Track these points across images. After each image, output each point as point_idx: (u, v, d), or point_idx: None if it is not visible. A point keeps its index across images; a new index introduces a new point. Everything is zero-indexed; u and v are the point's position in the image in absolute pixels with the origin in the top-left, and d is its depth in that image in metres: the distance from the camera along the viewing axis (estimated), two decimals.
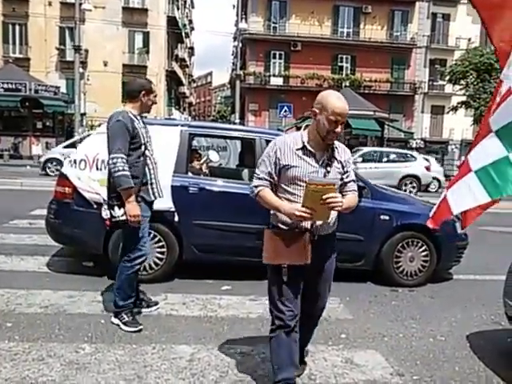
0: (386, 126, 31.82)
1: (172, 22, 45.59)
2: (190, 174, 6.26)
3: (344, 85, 36.99)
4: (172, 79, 50.04)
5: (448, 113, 36.60)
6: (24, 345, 4.07)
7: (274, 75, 41.06)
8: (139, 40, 42.32)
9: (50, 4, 39.25)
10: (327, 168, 3.21)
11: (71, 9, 28.50)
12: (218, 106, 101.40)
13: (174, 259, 6.01)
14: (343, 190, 3.34)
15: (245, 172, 7.28)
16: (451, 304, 5.86)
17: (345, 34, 41.41)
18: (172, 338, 4.39)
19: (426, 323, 5.15)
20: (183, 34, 55.10)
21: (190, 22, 73.68)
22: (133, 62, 41.85)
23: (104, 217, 4.68)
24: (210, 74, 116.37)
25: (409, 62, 42.58)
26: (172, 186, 5.85)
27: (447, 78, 34.29)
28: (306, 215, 3.01)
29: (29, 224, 9.20)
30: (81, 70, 28.72)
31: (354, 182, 3.43)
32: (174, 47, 51.98)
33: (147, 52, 42.20)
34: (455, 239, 6.52)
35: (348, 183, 3.37)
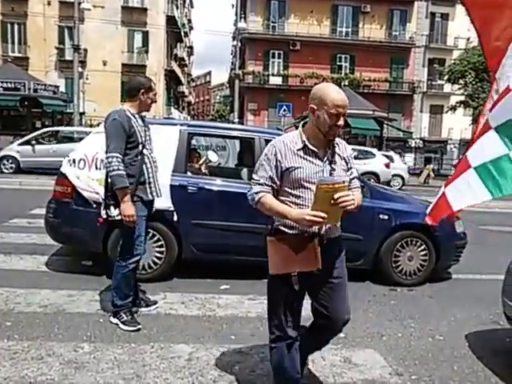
0: (385, 126, 31.88)
1: (171, 22, 45.57)
2: (189, 174, 6.26)
3: (343, 84, 36.97)
4: (171, 78, 50.03)
5: (447, 112, 36.71)
6: (23, 344, 4.07)
7: (273, 74, 41.08)
8: (138, 39, 42.34)
9: (49, 3, 39.25)
10: (332, 165, 3.00)
11: (70, 8, 28.37)
12: (217, 106, 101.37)
13: (173, 258, 6.01)
14: (348, 188, 3.07)
15: (244, 171, 7.28)
16: (450, 303, 5.87)
17: (344, 34, 41.40)
18: (171, 338, 4.39)
19: (425, 323, 5.16)
20: (182, 34, 55.05)
21: (189, 22, 73.65)
22: (132, 62, 41.87)
23: (103, 216, 4.67)
24: (209, 74, 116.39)
25: (407, 62, 42.59)
26: (171, 186, 5.85)
27: (446, 78, 34.37)
28: (318, 219, 2.77)
29: (28, 223, 9.19)
30: (80, 70, 28.66)
31: (358, 179, 3.28)
32: (173, 46, 51.97)
33: (146, 51, 42.20)
34: (454, 238, 6.53)
35: (352, 180, 3.19)
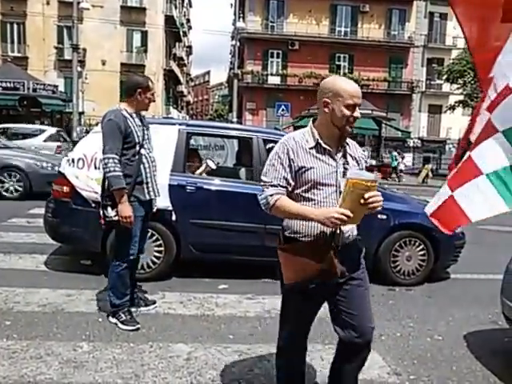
0: (384, 125, 31.89)
1: (170, 21, 45.57)
2: (188, 173, 6.26)
3: None
4: (170, 78, 50.02)
5: (445, 112, 36.66)
6: (22, 343, 4.08)
7: (272, 74, 41.05)
8: (137, 39, 42.32)
9: (48, 3, 39.19)
10: (345, 166, 2.82)
11: (69, 8, 28.33)
12: (216, 105, 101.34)
13: (172, 258, 6.01)
14: None
15: (242, 171, 7.28)
16: (448, 303, 5.88)
17: (342, 33, 41.37)
18: (169, 337, 4.40)
19: (424, 322, 5.16)
20: (181, 33, 55.05)
21: (188, 21, 73.60)
22: (131, 61, 41.83)
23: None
24: (208, 73, 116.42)
25: (406, 61, 42.59)
26: (169, 185, 5.86)
27: (445, 77, 34.33)
28: (345, 218, 2.56)
29: (27, 222, 9.18)
30: (79, 69, 28.62)
31: None
32: (172, 46, 51.95)
33: (145, 51, 42.17)
34: (452, 238, 6.52)
35: None
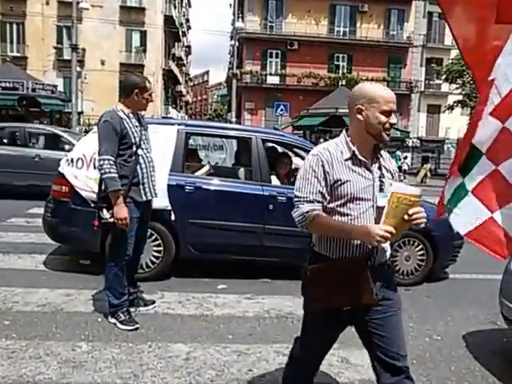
0: None
1: (169, 21, 45.53)
2: (187, 173, 6.27)
3: (340, 84, 37.02)
4: (169, 78, 49.99)
5: (444, 112, 36.71)
6: (21, 343, 4.08)
7: (271, 74, 40.99)
8: (136, 39, 42.25)
9: (48, 3, 39.12)
10: (381, 179, 2.64)
11: (69, 8, 28.29)
12: (215, 105, 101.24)
13: (171, 258, 6.02)
14: None
15: (241, 171, 7.28)
16: (447, 303, 5.88)
17: (341, 33, 41.32)
18: (168, 337, 4.40)
19: (422, 322, 5.16)
20: (180, 33, 55.05)
21: (187, 21, 73.61)
22: (130, 61, 41.73)
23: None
24: (207, 73, 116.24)
25: (405, 61, 42.59)
26: (168, 185, 5.86)
27: (443, 77, 34.37)
28: (389, 235, 2.38)
29: (26, 222, 9.19)
30: (78, 69, 28.58)
31: None
32: (171, 46, 51.93)
33: (144, 51, 42.12)
34: (451, 238, 6.53)
35: None
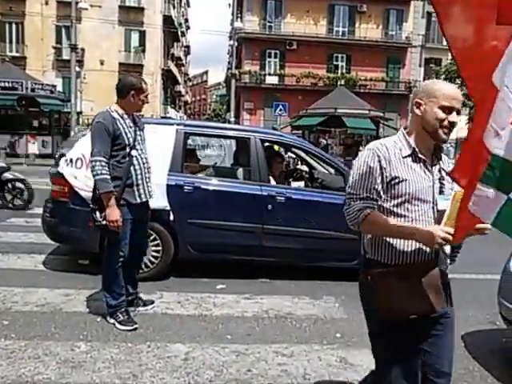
0: (381, 125, 31.86)
1: (168, 21, 45.50)
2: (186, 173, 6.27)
3: (339, 84, 36.93)
4: (168, 78, 49.99)
5: None
6: (20, 343, 4.09)
7: (270, 74, 41.01)
8: (135, 39, 42.23)
9: (47, 3, 39.08)
10: (441, 182, 2.46)
11: (68, 7, 28.26)
12: (214, 105, 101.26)
13: (170, 258, 6.02)
14: None
15: (240, 171, 7.29)
16: None
17: (340, 33, 41.35)
18: (167, 337, 4.41)
19: None
20: (179, 33, 55.03)
21: (186, 21, 73.60)
22: (129, 61, 41.71)
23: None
24: (206, 73, 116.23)
25: (404, 61, 42.61)
26: (167, 185, 5.86)
27: (442, 78, 34.35)
28: (451, 238, 2.22)
29: (25, 222, 9.18)
30: (77, 69, 28.57)
31: None
32: (170, 46, 51.92)
33: (143, 51, 42.11)
34: None
35: None
